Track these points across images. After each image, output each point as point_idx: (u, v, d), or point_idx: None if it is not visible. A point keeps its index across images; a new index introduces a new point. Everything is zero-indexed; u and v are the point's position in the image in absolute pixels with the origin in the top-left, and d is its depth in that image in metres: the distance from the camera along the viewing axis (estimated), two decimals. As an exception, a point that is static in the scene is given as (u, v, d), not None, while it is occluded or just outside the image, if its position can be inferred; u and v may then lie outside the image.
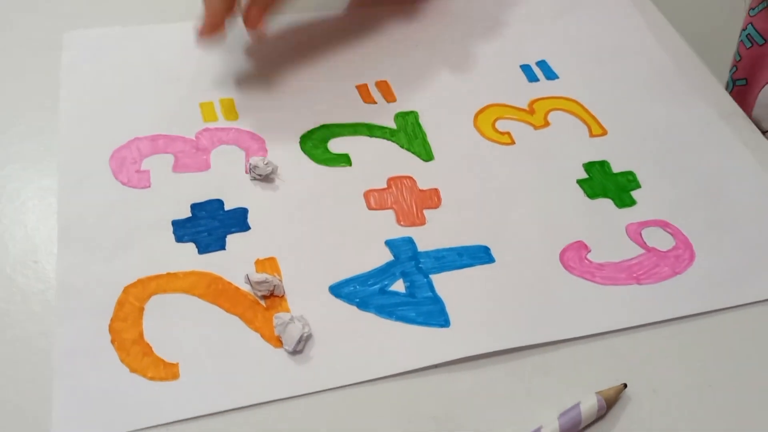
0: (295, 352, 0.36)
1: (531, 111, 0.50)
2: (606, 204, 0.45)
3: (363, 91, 0.50)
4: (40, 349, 0.36)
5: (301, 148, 0.46)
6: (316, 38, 0.53)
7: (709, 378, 0.37)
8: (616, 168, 0.47)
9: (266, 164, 0.43)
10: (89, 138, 0.45)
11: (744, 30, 0.56)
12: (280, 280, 0.38)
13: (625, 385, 0.36)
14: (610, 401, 0.35)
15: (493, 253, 0.41)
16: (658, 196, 0.45)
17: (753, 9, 0.54)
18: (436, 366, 0.36)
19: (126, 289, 0.38)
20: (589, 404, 0.35)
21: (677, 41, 0.54)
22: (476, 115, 0.49)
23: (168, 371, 0.35)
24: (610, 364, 0.37)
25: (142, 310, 0.37)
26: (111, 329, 0.36)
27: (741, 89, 0.52)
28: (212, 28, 0.46)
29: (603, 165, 0.47)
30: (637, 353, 0.38)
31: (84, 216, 0.41)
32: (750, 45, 0.56)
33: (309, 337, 0.37)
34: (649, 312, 0.39)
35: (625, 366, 0.37)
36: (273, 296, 0.38)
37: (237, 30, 0.53)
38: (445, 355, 0.36)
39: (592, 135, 0.49)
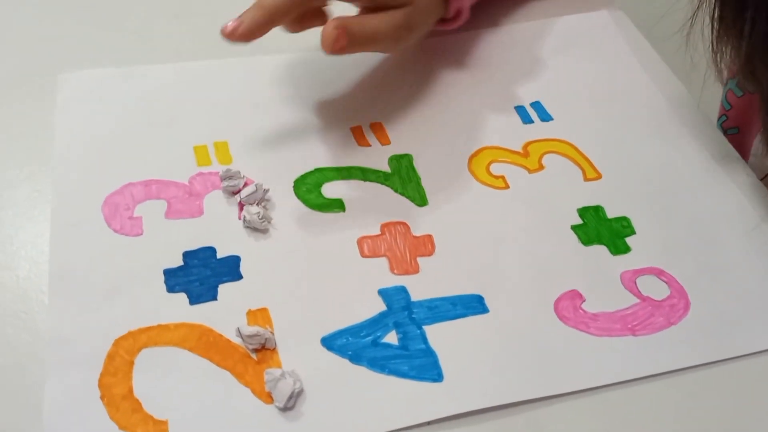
0: (285, 409, 0.36)
1: (525, 154, 0.50)
2: (600, 251, 0.44)
3: (357, 133, 0.50)
4: (29, 403, 0.35)
5: (295, 193, 0.46)
6: (310, 79, 0.53)
7: (704, 431, 0.37)
8: (611, 213, 0.47)
9: (261, 219, 0.43)
10: (82, 183, 0.45)
11: (732, 78, 0.56)
12: (272, 333, 0.38)
13: None
14: (605, 459, 0.35)
15: (487, 302, 0.41)
16: (652, 242, 0.45)
17: None
18: (428, 423, 0.36)
19: (116, 342, 0.38)
20: (582, 463, 0.34)
21: (673, 82, 0.54)
22: (470, 158, 0.49)
23: (157, 429, 0.35)
24: (604, 419, 0.37)
25: (132, 363, 0.37)
26: (101, 384, 0.36)
27: (733, 138, 0.52)
28: (254, 30, 0.42)
29: (597, 210, 0.47)
30: (631, 407, 0.37)
31: (75, 263, 0.41)
32: (741, 93, 0.56)
33: (300, 392, 0.36)
34: (645, 365, 0.39)
35: (619, 420, 0.37)
36: (264, 349, 0.38)
37: (231, 71, 0.53)
38: (438, 411, 0.36)
39: (586, 179, 0.49)
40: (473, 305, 0.41)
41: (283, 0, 0.43)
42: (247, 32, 0.43)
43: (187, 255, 0.42)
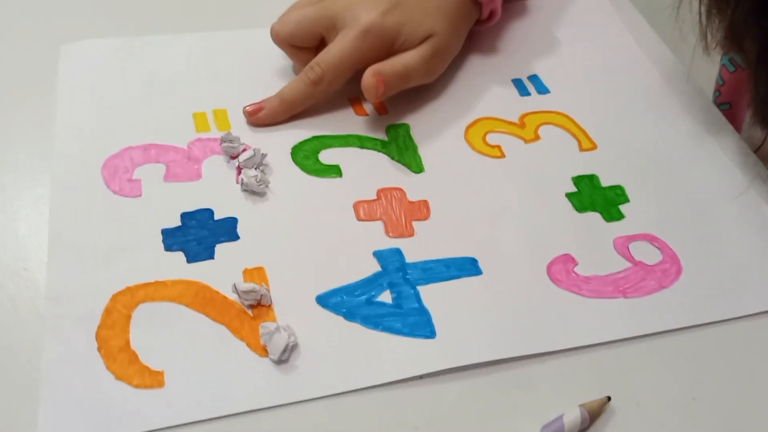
0: (280, 362, 0.36)
1: (522, 125, 0.50)
2: (594, 218, 0.45)
3: (355, 102, 0.50)
4: (29, 356, 0.36)
5: (293, 159, 0.46)
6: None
7: (693, 391, 0.37)
8: (605, 182, 0.47)
9: (259, 182, 0.43)
10: (83, 147, 0.45)
11: (725, 54, 0.56)
12: (268, 290, 0.39)
13: (609, 398, 0.36)
14: (594, 414, 0.35)
15: (481, 265, 0.42)
16: (646, 210, 0.45)
17: None
18: (420, 377, 0.36)
19: (114, 297, 0.38)
20: (572, 417, 0.35)
21: (668, 57, 0.55)
22: (467, 129, 0.49)
23: (153, 379, 0.35)
24: (594, 377, 0.37)
25: (129, 317, 0.37)
26: (98, 337, 0.37)
27: (726, 113, 0.52)
28: (272, 118, 0.48)
29: (592, 179, 0.47)
30: (621, 366, 0.38)
31: (75, 224, 0.41)
32: (734, 69, 0.57)
33: (295, 346, 0.37)
34: (635, 325, 0.39)
35: (609, 379, 0.37)
36: (260, 306, 0.38)
37: (231, 42, 0.53)
38: (430, 366, 0.37)
39: (581, 149, 0.49)
40: (467, 267, 0.41)
41: (300, 95, 0.48)
42: (265, 119, 0.48)
43: (184, 216, 0.42)
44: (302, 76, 0.48)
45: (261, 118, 0.47)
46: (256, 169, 0.44)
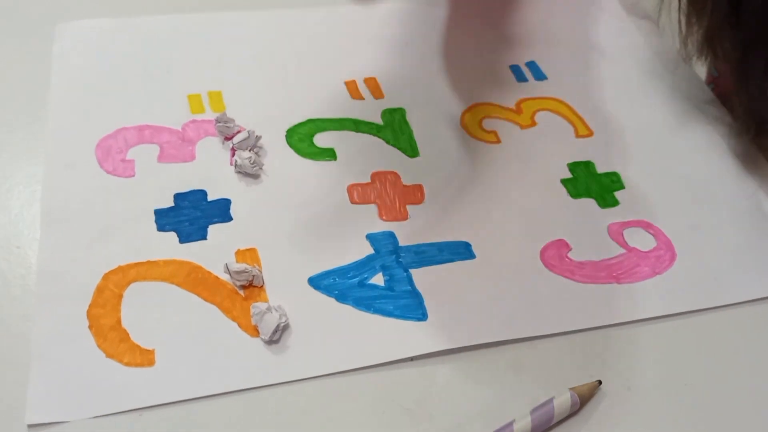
0: (271, 342, 0.36)
1: (518, 110, 0.50)
2: (589, 204, 0.45)
3: (351, 87, 0.50)
4: (19, 332, 0.36)
5: (287, 142, 0.46)
6: (306, 33, 0.53)
7: (684, 376, 0.37)
8: (601, 168, 0.47)
9: (252, 164, 0.43)
10: (76, 127, 0.45)
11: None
12: (260, 271, 0.39)
13: (600, 382, 0.36)
14: (584, 397, 0.35)
15: (474, 249, 0.41)
16: (641, 196, 0.45)
17: None
18: (411, 358, 0.36)
19: (106, 276, 0.38)
20: (562, 399, 0.35)
21: (665, 44, 0.55)
22: (463, 114, 0.49)
23: (144, 357, 0.35)
24: (585, 361, 0.37)
25: (120, 296, 0.37)
26: (89, 315, 0.37)
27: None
28: None
29: (588, 165, 0.47)
30: (612, 350, 0.38)
31: (68, 202, 0.41)
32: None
33: (286, 327, 0.37)
34: (627, 311, 0.39)
35: (600, 363, 0.37)
36: (252, 286, 0.38)
37: (226, 24, 0.53)
38: (421, 348, 0.37)
39: (578, 135, 0.49)
40: (460, 251, 0.41)
41: None
42: None
43: (178, 197, 0.42)
44: None
45: None
46: (250, 150, 0.44)
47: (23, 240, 0.40)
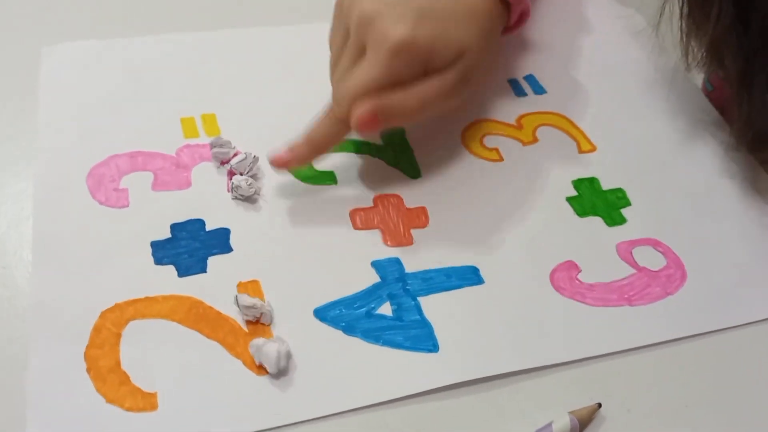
0: (279, 374, 0.35)
1: (519, 126, 0.49)
2: (596, 222, 0.44)
3: (348, 106, 0.49)
4: (8, 355, 0.35)
5: (286, 165, 0.45)
6: (300, 52, 0.52)
7: (684, 399, 0.36)
8: (606, 185, 0.46)
9: (249, 185, 0.42)
10: (67, 155, 0.44)
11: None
12: (270, 309, 0.37)
13: (600, 405, 0.35)
14: (584, 421, 0.34)
15: (482, 273, 0.40)
16: (648, 213, 0.45)
17: None
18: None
19: (103, 314, 0.37)
20: (561, 424, 0.34)
21: (666, 56, 0.54)
22: (464, 131, 0.48)
23: (146, 401, 0.34)
24: (585, 384, 0.36)
25: (119, 336, 0.36)
26: (87, 356, 0.35)
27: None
28: (302, 163, 0.42)
29: (592, 182, 0.46)
30: (612, 372, 0.37)
31: (60, 236, 0.40)
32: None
33: (288, 354, 0.35)
34: (642, 335, 0.38)
35: (600, 385, 0.36)
36: (258, 322, 0.37)
37: (218, 44, 0.52)
38: (434, 381, 0.35)
39: (581, 151, 0.48)
40: (468, 276, 0.40)
41: (329, 136, 0.42)
42: (294, 166, 0.43)
43: (174, 227, 0.41)
44: (329, 114, 0.42)
45: (288, 164, 0.42)
46: (247, 173, 0.43)
47: (10, 259, 0.38)
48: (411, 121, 0.43)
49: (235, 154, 0.44)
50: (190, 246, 0.40)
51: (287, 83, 0.50)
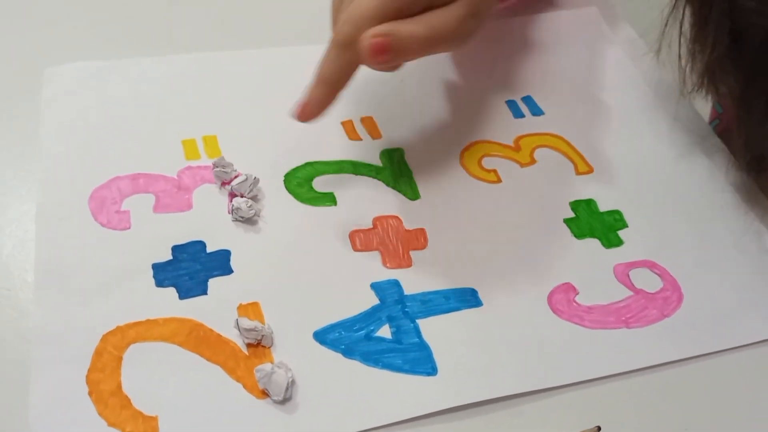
0: (284, 401, 0.35)
1: (517, 148, 0.50)
2: (593, 244, 0.44)
3: (348, 127, 0.49)
4: (13, 378, 0.35)
5: (286, 187, 0.45)
6: (300, 73, 0.52)
7: (684, 421, 0.37)
8: (603, 206, 0.46)
9: (249, 207, 0.42)
10: (68, 177, 0.44)
11: (703, 94, 0.56)
12: (270, 331, 0.37)
13: (599, 428, 0.35)
14: (588, 446, 0.35)
15: (481, 295, 0.41)
16: (644, 235, 0.45)
17: None
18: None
19: (104, 338, 0.37)
20: (568, 451, 0.34)
21: (664, 77, 0.54)
22: (462, 153, 0.49)
23: (147, 425, 0.34)
24: (584, 406, 0.37)
25: (120, 359, 0.36)
26: (88, 380, 0.35)
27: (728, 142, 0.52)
28: (323, 107, 0.40)
29: (590, 204, 0.46)
30: (611, 394, 0.37)
31: (62, 259, 0.40)
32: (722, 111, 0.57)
33: (293, 382, 0.36)
34: (639, 357, 0.39)
35: (599, 408, 0.36)
36: (258, 345, 0.37)
37: (220, 65, 0.52)
38: (433, 405, 0.36)
39: (578, 173, 0.48)
40: (467, 298, 0.40)
41: (339, 67, 0.40)
42: (316, 110, 0.41)
43: (176, 249, 0.41)
44: (333, 46, 0.39)
45: (311, 112, 0.40)
46: (248, 195, 0.43)
47: (14, 282, 0.39)
48: (419, 55, 0.40)
49: (236, 176, 0.44)
50: (191, 268, 0.40)
51: (289, 105, 0.50)
